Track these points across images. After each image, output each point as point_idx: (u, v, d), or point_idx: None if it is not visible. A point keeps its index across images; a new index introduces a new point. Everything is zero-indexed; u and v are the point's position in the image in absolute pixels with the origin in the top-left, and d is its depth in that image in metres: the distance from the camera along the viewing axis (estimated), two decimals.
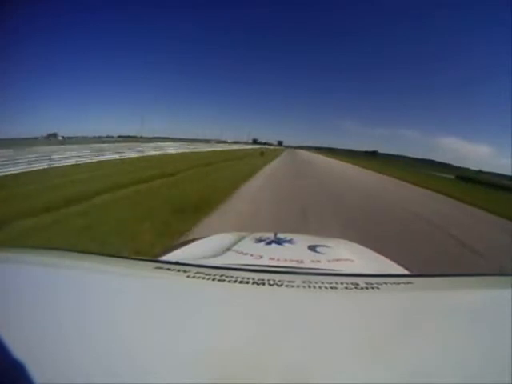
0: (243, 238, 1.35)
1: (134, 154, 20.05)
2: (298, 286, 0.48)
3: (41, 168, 12.23)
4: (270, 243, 1.25)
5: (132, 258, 0.70)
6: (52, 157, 13.49)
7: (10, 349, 0.33)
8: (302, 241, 1.37)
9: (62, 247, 0.75)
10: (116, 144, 24.36)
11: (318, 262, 0.99)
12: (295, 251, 1.18)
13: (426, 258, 4.01)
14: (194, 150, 32.22)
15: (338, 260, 1.07)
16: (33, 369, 0.31)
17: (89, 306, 0.44)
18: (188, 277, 0.51)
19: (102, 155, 16.98)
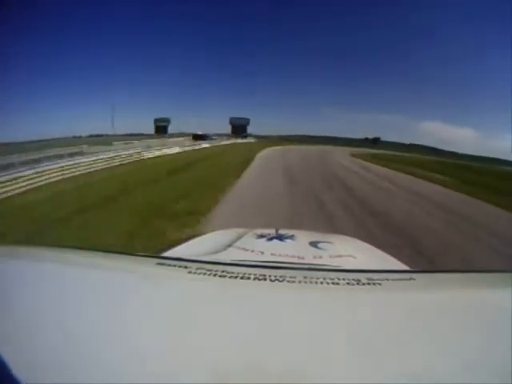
0: (244, 234, 1.35)
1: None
2: (299, 282, 0.48)
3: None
4: (271, 239, 1.24)
5: (134, 254, 0.69)
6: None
7: (11, 346, 0.33)
8: (303, 237, 1.37)
9: (63, 245, 0.76)
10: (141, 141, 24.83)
11: (320, 258, 0.99)
12: (296, 247, 1.18)
13: None
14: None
15: (339, 256, 1.06)
16: (34, 366, 0.31)
17: (91, 301, 0.44)
18: (189, 273, 0.51)
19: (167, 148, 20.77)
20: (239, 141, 36.50)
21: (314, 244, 1.21)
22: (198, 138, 33.49)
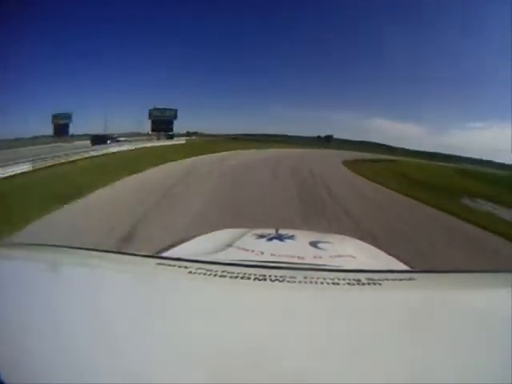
0: (244, 234, 1.35)
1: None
2: (299, 282, 0.48)
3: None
4: (271, 239, 1.24)
5: (134, 254, 0.69)
6: None
7: (11, 344, 0.33)
8: (303, 237, 1.38)
9: (64, 244, 0.75)
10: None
11: (320, 258, 0.99)
12: (297, 247, 1.18)
13: None
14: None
15: (339, 256, 1.06)
16: (34, 363, 0.31)
17: (91, 301, 0.44)
18: (190, 273, 0.51)
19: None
20: (157, 143, 24.59)
21: (314, 244, 1.19)
22: (97, 140, 22.93)
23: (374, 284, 0.48)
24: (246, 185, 9.23)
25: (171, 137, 30.37)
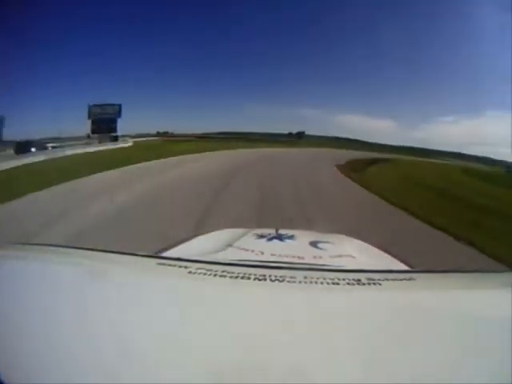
0: (245, 234, 1.35)
1: None
2: (299, 282, 0.48)
3: None
4: (271, 239, 1.24)
5: (134, 254, 0.68)
6: None
7: (11, 344, 0.33)
8: (303, 237, 1.37)
9: (64, 244, 0.75)
10: None
11: (320, 258, 0.99)
12: (297, 247, 1.18)
13: None
14: None
15: (339, 256, 1.06)
16: (34, 364, 0.31)
17: (91, 301, 0.44)
18: (190, 272, 0.51)
19: None
20: (93, 149, 18.87)
21: (314, 244, 1.19)
22: (20, 148, 17.83)
23: (374, 284, 0.48)
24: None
25: (115, 139, 24.58)
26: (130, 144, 23.93)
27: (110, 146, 21.18)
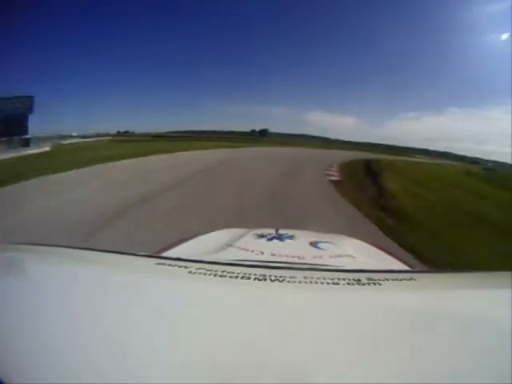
0: (245, 233, 1.35)
1: None
2: (299, 282, 0.48)
3: None
4: (271, 239, 1.24)
5: (133, 254, 0.68)
6: None
7: (11, 344, 0.33)
8: (303, 237, 1.37)
9: (63, 244, 0.74)
10: None
11: (320, 257, 0.99)
12: (297, 247, 1.18)
13: None
14: None
15: (339, 256, 1.06)
16: (34, 364, 0.31)
17: (90, 301, 0.44)
18: (189, 273, 0.51)
19: None
20: None
21: (314, 244, 1.19)
22: None
23: (374, 284, 0.48)
24: None
25: (26, 143, 18.10)
26: (45, 149, 17.33)
27: (11, 153, 14.32)
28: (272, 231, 1.37)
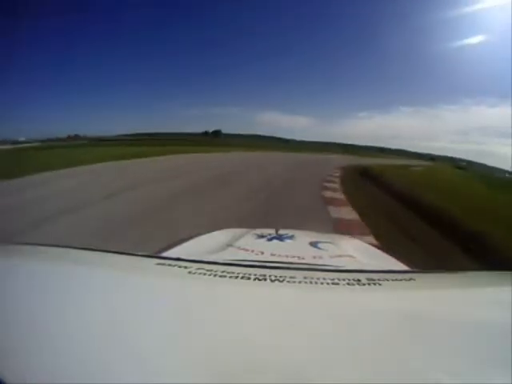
0: (245, 234, 1.34)
1: None
2: (299, 282, 0.48)
3: None
4: (271, 239, 1.24)
5: (132, 254, 0.67)
6: None
7: (11, 344, 0.33)
8: (303, 237, 1.37)
9: (61, 244, 0.73)
10: None
11: (320, 258, 0.99)
12: (297, 247, 1.18)
13: None
14: None
15: (339, 256, 1.06)
16: (34, 364, 0.31)
17: (88, 302, 0.43)
18: (189, 273, 0.51)
19: None
20: None
21: (314, 244, 1.19)
22: None
23: (374, 284, 0.48)
24: None
25: None
26: None
27: None
28: (272, 231, 1.36)
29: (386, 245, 3.78)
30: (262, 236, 1.28)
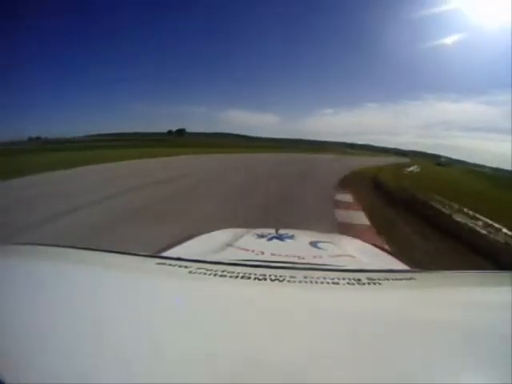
0: (245, 233, 1.34)
1: None
2: (299, 282, 0.48)
3: None
4: (271, 239, 1.24)
5: (133, 254, 0.67)
6: None
7: (11, 344, 0.33)
8: (303, 236, 1.37)
9: (61, 244, 0.72)
10: None
11: (320, 257, 0.99)
12: (297, 247, 1.18)
13: None
14: None
15: (339, 256, 1.06)
16: (34, 364, 0.31)
17: (89, 302, 0.43)
18: (190, 272, 0.51)
19: None
20: None
21: (314, 244, 1.19)
22: None
23: (374, 284, 0.48)
24: None
25: None
26: None
27: None
28: (272, 231, 1.36)
29: None
30: (262, 236, 1.27)
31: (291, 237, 1.29)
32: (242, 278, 0.48)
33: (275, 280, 0.48)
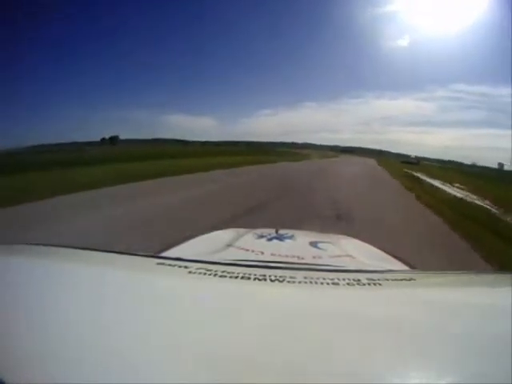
0: (245, 234, 1.35)
1: None
2: (299, 282, 0.48)
3: None
4: (271, 239, 1.24)
5: (133, 254, 0.67)
6: None
7: (11, 344, 0.33)
8: (303, 237, 1.37)
9: (61, 244, 0.73)
10: None
11: (320, 258, 0.99)
12: (297, 247, 1.18)
13: None
14: None
15: (339, 256, 1.06)
16: (34, 364, 0.31)
17: (90, 301, 0.43)
18: (190, 272, 0.50)
19: None
20: None
21: (313, 244, 1.19)
22: None
23: (375, 284, 0.48)
24: None
25: None
26: None
27: None
28: (272, 231, 1.36)
29: None
30: (262, 236, 1.27)
31: (291, 237, 1.29)
32: (242, 278, 0.48)
33: (275, 280, 0.48)
